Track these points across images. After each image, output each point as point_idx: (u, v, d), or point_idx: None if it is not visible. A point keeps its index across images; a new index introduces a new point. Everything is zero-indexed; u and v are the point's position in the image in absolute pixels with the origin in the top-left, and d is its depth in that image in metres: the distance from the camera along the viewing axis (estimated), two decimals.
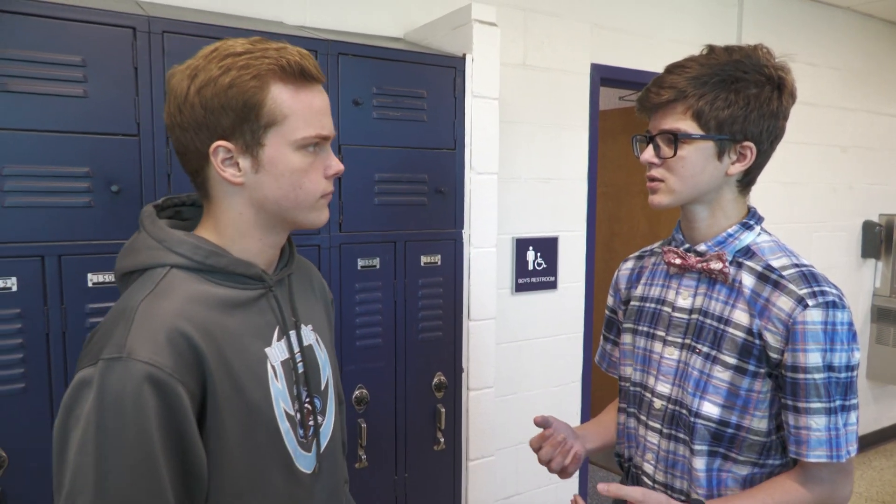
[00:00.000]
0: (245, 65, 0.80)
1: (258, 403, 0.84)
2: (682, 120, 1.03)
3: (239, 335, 0.84)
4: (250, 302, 0.87)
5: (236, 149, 0.82)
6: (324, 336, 1.03)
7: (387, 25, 2.15)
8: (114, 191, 1.36)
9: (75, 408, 0.74)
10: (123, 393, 0.72)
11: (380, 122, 1.70)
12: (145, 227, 0.86)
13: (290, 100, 0.82)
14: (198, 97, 0.80)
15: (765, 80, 1.02)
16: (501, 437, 2.53)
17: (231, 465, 0.82)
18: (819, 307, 0.98)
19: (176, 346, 0.76)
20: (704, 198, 1.08)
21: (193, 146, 0.83)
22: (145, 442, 0.73)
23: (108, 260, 1.37)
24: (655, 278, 1.21)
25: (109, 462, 0.72)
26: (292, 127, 0.83)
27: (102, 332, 0.78)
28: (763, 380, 1.02)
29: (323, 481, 0.96)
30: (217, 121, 0.80)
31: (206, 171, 0.85)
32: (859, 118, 3.72)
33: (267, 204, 0.86)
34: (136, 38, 1.36)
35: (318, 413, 0.96)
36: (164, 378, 0.74)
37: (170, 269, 0.83)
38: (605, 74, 2.70)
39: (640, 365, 1.19)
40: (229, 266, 0.85)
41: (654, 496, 1.04)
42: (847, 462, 1.01)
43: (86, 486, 0.71)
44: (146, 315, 0.77)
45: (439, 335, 1.85)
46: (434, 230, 1.82)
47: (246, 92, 0.79)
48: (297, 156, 0.84)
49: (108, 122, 1.36)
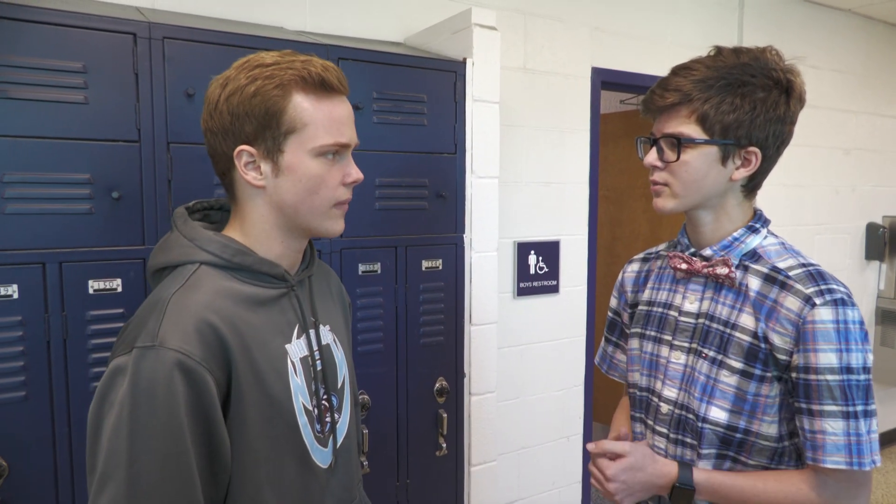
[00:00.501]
0: (270, 75, 0.86)
1: (278, 396, 0.88)
2: (686, 124, 1.02)
3: (261, 330, 0.88)
4: (273, 300, 0.92)
5: (258, 153, 0.88)
6: (341, 337, 1.07)
7: (387, 30, 2.15)
8: (114, 197, 1.36)
9: (109, 394, 0.78)
10: (155, 379, 0.76)
11: (380, 126, 1.70)
12: (178, 226, 0.92)
13: (310, 108, 0.87)
14: (226, 104, 0.86)
15: (773, 83, 1.00)
16: (504, 442, 2.52)
17: (252, 455, 0.85)
18: (827, 305, 0.96)
19: (204, 336, 0.80)
20: (708, 203, 1.07)
21: (221, 150, 0.89)
22: (175, 426, 0.77)
23: (109, 267, 1.37)
24: (662, 282, 1.19)
25: (141, 445, 0.75)
26: (311, 135, 0.87)
27: (136, 323, 0.82)
28: (770, 384, 1.01)
29: (338, 476, 0.99)
30: (241, 127, 0.87)
31: (232, 174, 0.91)
32: (862, 120, 3.72)
33: (285, 208, 0.91)
34: (136, 44, 1.36)
35: (335, 410, 1.00)
36: (193, 366, 0.78)
37: (199, 266, 0.88)
38: (606, 78, 2.70)
39: (646, 370, 1.18)
40: (255, 265, 0.90)
41: (640, 449, 1.06)
42: (863, 473, 0.97)
43: (118, 469, 0.75)
44: (177, 307, 0.81)
45: (441, 340, 1.84)
46: (435, 234, 1.82)
47: (268, 100, 0.85)
48: (316, 163, 0.89)
49: (109, 128, 1.36)
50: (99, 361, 1.36)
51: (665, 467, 1.05)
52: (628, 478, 1.03)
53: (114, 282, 1.37)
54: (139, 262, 1.40)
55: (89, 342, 1.35)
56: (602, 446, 1.06)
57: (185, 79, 1.42)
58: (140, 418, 0.76)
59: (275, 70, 0.86)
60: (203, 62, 1.44)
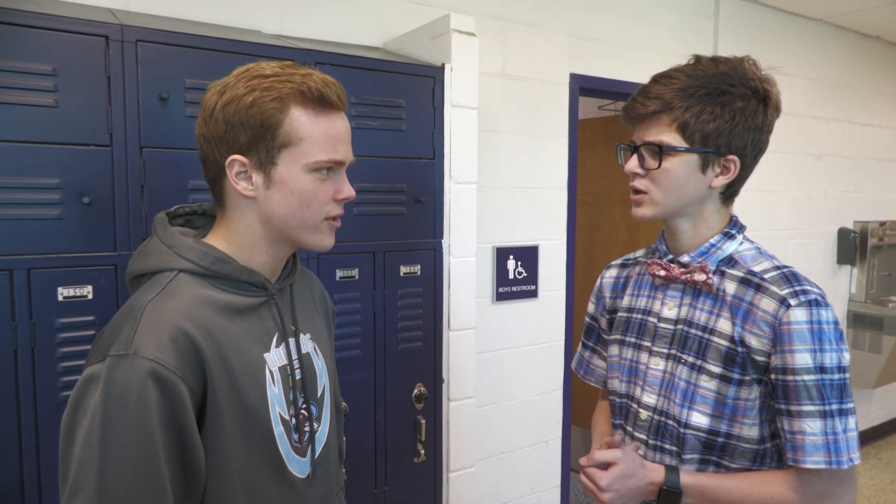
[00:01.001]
0: (269, 87, 0.85)
1: (255, 406, 0.87)
2: (666, 132, 1.03)
3: (239, 339, 0.87)
4: (252, 309, 0.91)
5: (251, 164, 0.87)
6: (322, 345, 1.06)
7: (366, 35, 2.15)
8: (85, 202, 1.33)
9: (82, 402, 0.77)
10: (128, 388, 0.75)
11: (358, 131, 1.69)
12: (157, 233, 0.91)
13: (307, 123, 0.87)
14: (222, 112, 0.86)
15: (751, 93, 1.02)
16: (483, 448, 2.52)
17: (227, 465, 0.85)
18: (802, 306, 0.98)
19: (179, 345, 0.80)
20: (687, 210, 1.08)
21: (213, 157, 0.89)
22: (147, 436, 0.76)
23: (79, 273, 1.34)
24: (641, 289, 1.20)
25: (112, 454, 0.75)
26: (306, 150, 0.87)
27: (110, 331, 0.81)
28: (750, 387, 1.02)
29: (316, 486, 0.98)
30: (236, 136, 0.86)
31: (223, 182, 0.91)
32: (833, 127, 3.79)
33: (274, 220, 0.90)
34: (108, 46, 1.34)
35: (313, 419, 0.99)
36: (167, 375, 0.77)
37: (178, 273, 0.87)
38: (584, 84, 2.72)
39: (626, 376, 1.18)
40: (234, 273, 0.90)
41: (629, 454, 1.06)
42: (846, 471, 0.98)
43: (89, 477, 0.74)
44: (153, 315, 0.81)
45: (419, 346, 1.84)
46: (413, 240, 1.81)
47: (265, 112, 0.85)
48: (308, 178, 0.88)
49: (80, 132, 1.33)
50: (69, 370, 1.33)
51: (653, 472, 1.05)
52: (621, 486, 1.03)
53: (84, 289, 1.34)
54: (111, 268, 1.37)
55: (58, 350, 1.32)
56: (593, 458, 1.06)
57: (159, 82, 1.40)
58: (112, 427, 0.75)
59: (274, 82, 0.85)
60: (177, 66, 1.42)
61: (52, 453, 1.32)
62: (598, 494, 1.04)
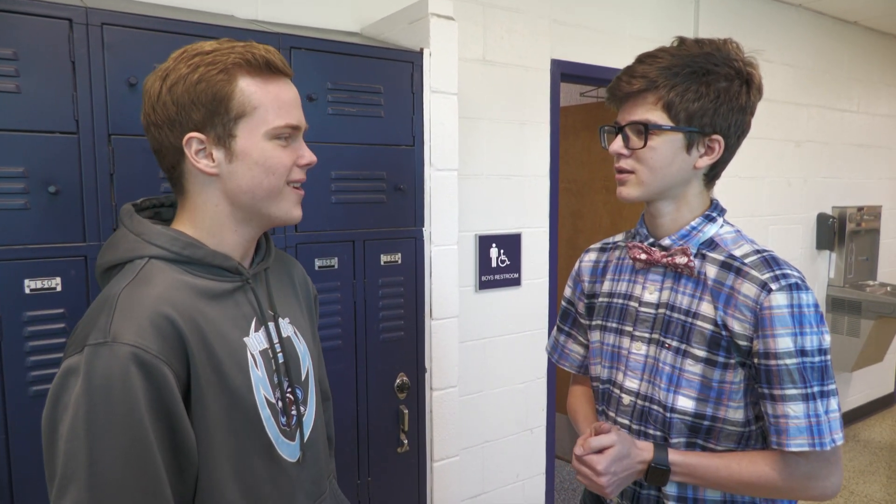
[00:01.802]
0: (213, 61, 0.84)
1: (239, 389, 0.86)
2: (652, 111, 1.03)
3: (218, 323, 0.86)
4: (227, 294, 0.90)
5: (209, 140, 0.86)
6: (303, 329, 1.05)
7: (343, 20, 2.11)
8: (52, 192, 1.29)
9: (63, 396, 0.75)
10: (111, 376, 0.74)
11: (335, 117, 1.66)
12: (124, 222, 0.90)
13: (258, 91, 0.86)
14: (169, 95, 0.84)
15: (734, 73, 1.02)
16: (466, 437, 2.52)
17: (216, 450, 0.83)
18: (783, 290, 0.98)
19: (160, 329, 0.78)
20: (671, 192, 1.08)
21: (168, 142, 0.87)
22: (135, 423, 0.74)
23: (46, 265, 1.30)
24: (622, 273, 1.19)
25: (100, 445, 0.73)
26: (262, 118, 0.86)
27: (85, 323, 0.79)
28: (734, 370, 1.02)
29: (307, 470, 0.98)
30: (188, 115, 0.85)
31: (182, 165, 0.89)
32: (812, 113, 3.82)
33: (241, 195, 0.89)
34: (73, 30, 1.29)
35: (300, 403, 0.98)
36: (150, 359, 0.76)
37: (149, 260, 0.85)
38: (566, 70, 2.70)
39: (608, 361, 1.18)
40: (206, 258, 0.88)
41: (621, 435, 1.04)
42: (831, 451, 0.98)
43: (77, 472, 0.72)
44: (128, 302, 0.79)
45: (401, 335, 1.82)
46: (394, 228, 1.79)
47: (214, 85, 0.84)
48: (270, 146, 0.88)
49: (45, 119, 1.28)
50: (37, 364, 1.29)
51: (644, 450, 1.04)
52: (618, 468, 1.02)
53: (52, 281, 1.30)
54: (80, 259, 1.33)
55: (26, 344, 1.28)
56: (589, 445, 1.04)
57: (127, 68, 1.35)
58: (97, 417, 0.73)
59: (216, 56, 0.85)
60: (146, 51, 1.38)
61: (24, 450, 1.28)
62: (595, 479, 1.02)
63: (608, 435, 1.04)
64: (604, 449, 1.03)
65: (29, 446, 1.29)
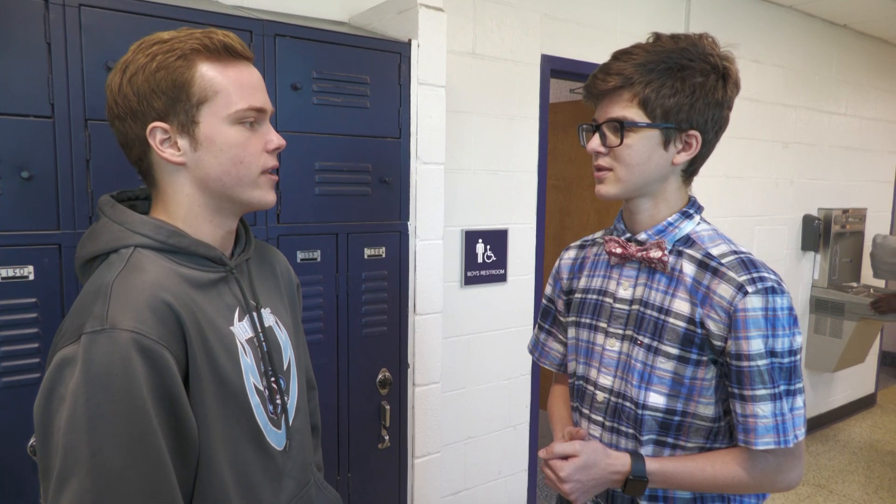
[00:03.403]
0: (170, 48, 0.84)
1: (230, 376, 0.86)
2: (628, 108, 1.02)
3: (208, 311, 0.86)
4: (211, 283, 0.89)
5: (172, 129, 0.85)
6: (284, 320, 1.05)
7: (331, 8, 2.07)
8: (24, 177, 1.25)
9: (58, 387, 0.74)
10: (110, 363, 0.72)
11: (320, 108, 1.63)
12: (105, 212, 0.88)
13: (218, 76, 0.85)
14: (129, 86, 0.83)
15: (710, 68, 1.02)
16: (449, 433, 2.50)
17: (212, 435, 0.83)
18: (759, 293, 0.98)
19: (159, 315, 0.78)
20: (649, 188, 1.07)
21: (132, 134, 0.86)
22: (138, 409, 0.73)
23: (19, 252, 1.26)
24: (597, 269, 1.19)
25: (102, 434, 0.72)
26: (224, 102, 0.85)
27: (77, 312, 0.78)
28: (706, 367, 1.02)
29: (293, 458, 0.99)
30: (150, 105, 0.84)
31: (149, 156, 0.87)
32: (800, 115, 3.83)
33: (210, 182, 0.88)
34: (48, 10, 1.25)
35: (283, 392, 0.99)
36: (151, 345, 0.75)
37: (135, 249, 0.84)
38: (556, 66, 2.68)
39: (583, 358, 1.18)
40: (191, 247, 0.87)
41: (590, 446, 1.05)
42: (794, 446, 1.01)
43: (79, 463, 0.71)
44: (123, 288, 0.78)
45: (384, 330, 1.80)
46: (378, 221, 1.76)
47: (173, 73, 0.83)
48: (234, 130, 0.87)
49: (18, 102, 1.25)
50: (9, 355, 1.26)
51: (618, 461, 1.04)
52: (582, 476, 1.03)
53: (25, 269, 1.27)
54: (54, 247, 1.29)
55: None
56: (552, 451, 1.05)
57: (106, 51, 1.32)
58: (98, 406, 0.72)
59: (174, 43, 0.84)
60: (126, 34, 1.34)
61: None
62: (558, 485, 1.04)
63: (572, 443, 1.05)
64: (569, 456, 1.04)
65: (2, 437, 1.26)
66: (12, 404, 1.27)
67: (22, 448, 1.28)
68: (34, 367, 1.28)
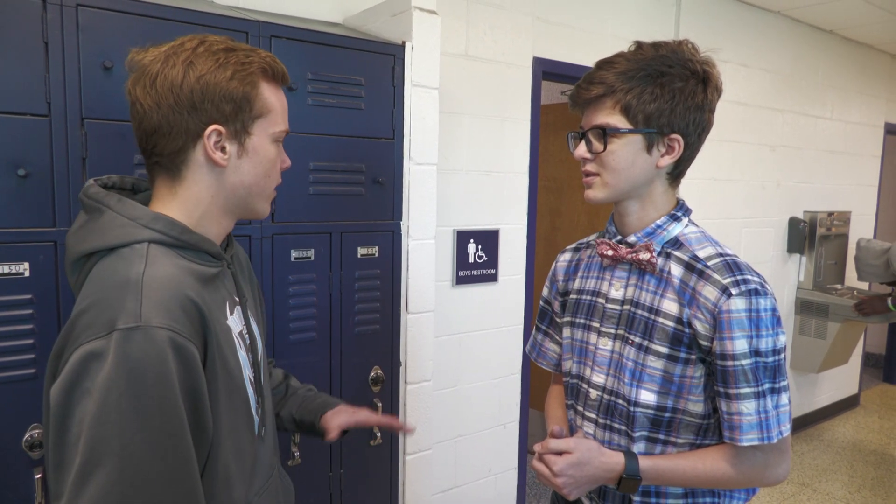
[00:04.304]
0: (242, 61, 0.90)
1: (234, 370, 0.91)
2: (611, 115, 1.06)
3: (212, 305, 0.89)
4: (212, 278, 0.93)
5: (227, 134, 0.90)
6: (255, 313, 1.10)
7: (326, 10, 2.09)
8: (21, 175, 1.26)
9: (83, 381, 0.74)
10: (145, 359, 0.74)
11: (315, 108, 1.65)
12: (111, 206, 0.87)
13: (272, 97, 0.94)
14: (198, 83, 0.87)
15: (689, 73, 1.05)
16: (440, 431, 2.53)
17: (221, 426, 0.86)
18: (742, 296, 1.01)
19: (187, 312, 0.81)
20: (636, 191, 1.10)
21: (185, 126, 0.88)
22: (172, 406, 0.76)
23: (14, 249, 1.27)
24: (591, 270, 1.23)
25: (135, 428, 0.74)
26: (273, 121, 0.95)
27: (103, 306, 0.77)
28: (695, 365, 1.05)
29: (266, 443, 1.04)
30: (217, 107, 0.89)
31: (189, 151, 0.90)
32: (787, 118, 3.89)
33: (240, 188, 0.94)
34: (46, 10, 1.26)
35: (260, 382, 1.03)
36: (183, 342, 0.78)
37: (149, 245, 0.86)
38: (548, 68, 2.71)
39: (577, 357, 1.21)
40: (199, 243, 0.91)
41: (584, 444, 1.08)
42: (780, 442, 1.04)
43: (107, 455, 0.72)
44: (153, 284, 0.80)
45: (376, 328, 1.82)
46: (371, 221, 1.78)
47: (246, 85, 0.90)
48: (273, 147, 0.96)
49: (15, 100, 1.26)
50: (4, 351, 1.27)
51: (612, 459, 1.07)
52: (575, 472, 1.06)
53: (20, 266, 1.28)
54: (50, 244, 1.30)
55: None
56: (547, 446, 1.08)
57: (102, 51, 1.33)
58: (133, 400, 0.73)
59: (243, 57, 0.91)
60: (123, 34, 1.35)
61: None
62: (551, 479, 1.06)
63: (567, 440, 1.08)
64: (563, 452, 1.06)
65: None
66: (7, 400, 1.28)
67: (16, 443, 1.29)
68: (29, 363, 1.29)
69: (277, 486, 1.07)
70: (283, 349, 1.65)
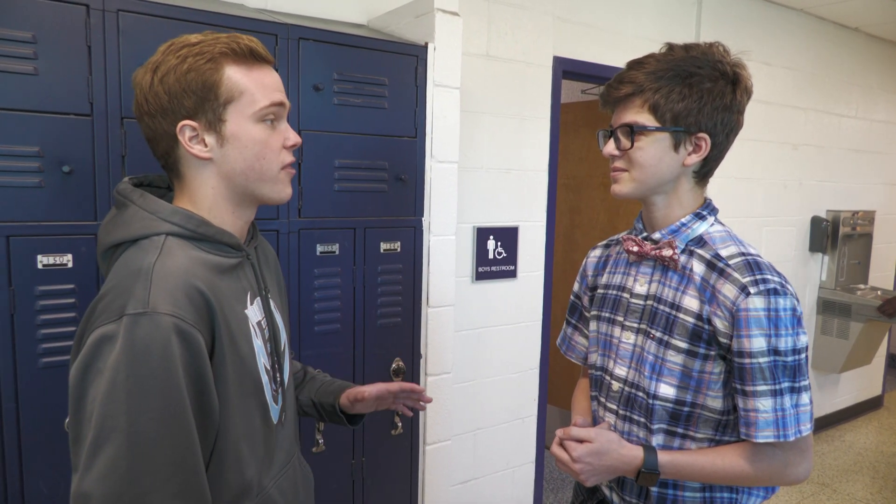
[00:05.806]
0: (200, 51, 0.90)
1: (247, 357, 0.94)
2: (639, 113, 1.09)
3: (228, 295, 0.93)
4: (231, 269, 0.96)
5: (201, 126, 0.91)
6: (280, 305, 1.13)
7: (350, 11, 2.15)
8: (65, 171, 1.34)
9: (96, 361, 0.79)
10: (151, 343, 0.79)
11: (340, 108, 1.70)
12: (134, 201, 0.93)
13: (243, 78, 0.92)
14: (161, 85, 0.90)
15: (719, 74, 1.07)
16: (459, 423, 2.57)
17: (231, 411, 0.90)
18: (760, 294, 1.03)
19: (193, 300, 0.84)
20: (662, 188, 1.13)
21: (161, 129, 0.92)
22: (175, 387, 0.80)
23: (58, 241, 1.34)
24: (618, 266, 1.26)
25: (140, 407, 0.78)
26: (248, 101, 0.92)
27: (118, 292, 0.83)
28: (714, 361, 1.07)
29: (286, 431, 1.07)
30: (180, 103, 0.90)
31: (176, 151, 0.94)
32: (810, 117, 3.86)
33: (235, 177, 0.94)
34: (89, 15, 1.34)
35: (282, 371, 1.07)
36: (188, 328, 0.82)
37: (166, 237, 0.90)
38: (568, 67, 2.74)
39: (602, 350, 1.24)
40: (216, 235, 0.94)
41: (605, 435, 1.11)
42: (799, 441, 1.05)
43: (116, 431, 0.77)
44: (162, 273, 0.84)
45: (398, 321, 1.87)
46: (394, 217, 1.83)
47: (203, 74, 0.90)
48: (257, 128, 0.93)
49: (60, 101, 1.33)
50: (48, 337, 1.34)
51: (631, 452, 1.10)
52: (593, 460, 1.09)
53: (64, 257, 1.35)
54: (91, 237, 1.38)
55: (38, 318, 1.33)
56: (569, 432, 1.12)
57: (140, 53, 1.40)
58: (138, 381, 0.78)
59: (203, 46, 0.91)
60: (159, 37, 1.39)
61: (33, 419, 1.34)
62: (569, 465, 1.10)
63: (588, 429, 1.11)
64: (584, 440, 1.10)
65: (38, 415, 1.34)
66: (51, 384, 1.35)
67: (60, 425, 1.37)
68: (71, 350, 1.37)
69: (296, 473, 1.10)
70: (309, 340, 1.71)
